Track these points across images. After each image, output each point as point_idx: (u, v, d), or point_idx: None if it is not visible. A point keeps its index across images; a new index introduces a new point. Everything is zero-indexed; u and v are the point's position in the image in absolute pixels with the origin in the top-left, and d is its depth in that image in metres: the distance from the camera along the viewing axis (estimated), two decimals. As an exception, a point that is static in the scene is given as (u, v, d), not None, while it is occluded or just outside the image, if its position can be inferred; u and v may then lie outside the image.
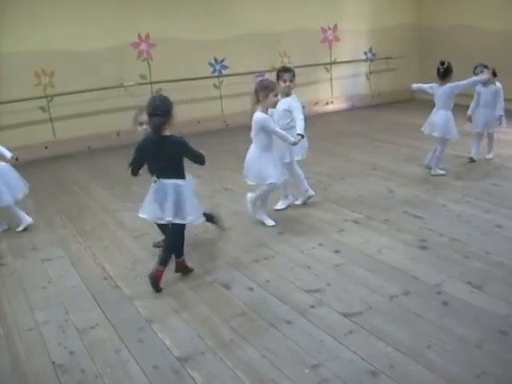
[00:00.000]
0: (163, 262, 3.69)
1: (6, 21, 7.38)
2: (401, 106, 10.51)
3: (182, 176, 3.70)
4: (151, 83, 8.54)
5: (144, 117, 3.80)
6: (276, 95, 4.43)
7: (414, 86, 6.12)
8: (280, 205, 5.13)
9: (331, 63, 10.27)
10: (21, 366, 2.96)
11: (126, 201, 5.51)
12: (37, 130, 7.84)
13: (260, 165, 4.52)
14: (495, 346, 2.85)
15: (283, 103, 4.68)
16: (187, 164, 3.75)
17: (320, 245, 4.29)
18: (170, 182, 3.64)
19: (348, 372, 2.71)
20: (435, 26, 10.47)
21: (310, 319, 3.22)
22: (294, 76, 4.84)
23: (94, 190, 6.12)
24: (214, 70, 9.12)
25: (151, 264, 4.13)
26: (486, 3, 9.31)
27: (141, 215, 3.77)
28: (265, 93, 4.36)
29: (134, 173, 3.79)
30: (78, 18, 7.78)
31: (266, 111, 4.45)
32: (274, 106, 4.51)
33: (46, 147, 7.93)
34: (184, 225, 3.77)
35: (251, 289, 3.65)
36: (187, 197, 3.67)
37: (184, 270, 3.91)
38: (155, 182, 3.71)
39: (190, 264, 3.96)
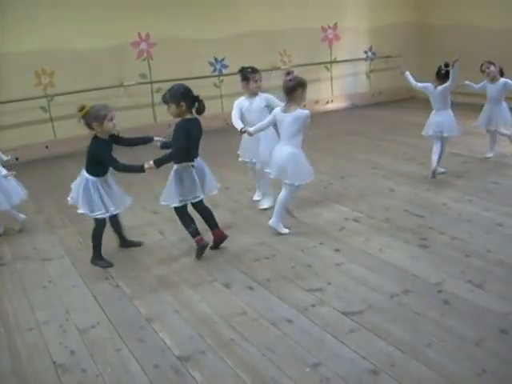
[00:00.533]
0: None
1: (7, 21, 7.38)
2: (401, 105, 10.50)
3: None
4: (151, 82, 8.55)
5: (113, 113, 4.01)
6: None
7: (407, 73, 6.09)
8: (265, 203, 5.17)
9: (331, 62, 10.27)
10: (21, 366, 2.96)
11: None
12: (37, 130, 7.84)
13: (300, 163, 4.41)
14: (495, 344, 2.85)
15: (261, 100, 4.94)
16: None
17: (321, 243, 4.29)
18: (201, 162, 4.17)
19: (348, 371, 2.71)
20: (435, 24, 10.46)
21: (311, 318, 3.22)
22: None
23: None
24: (215, 69, 9.13)
25: (151, 264, 4.14)
26: (486, 2, 9.30)
27: (203, 194, 4.14)
28: (302, 89, 4.33)
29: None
30: (78, 18, 7.78)
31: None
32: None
33: (47, 147, 7.93)
34: None
35: (252, 288, 3.65)
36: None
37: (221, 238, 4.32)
38: (192, 166, 4.03)
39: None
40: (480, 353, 2.79)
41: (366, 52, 10.66)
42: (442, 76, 5.53)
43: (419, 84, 5.85)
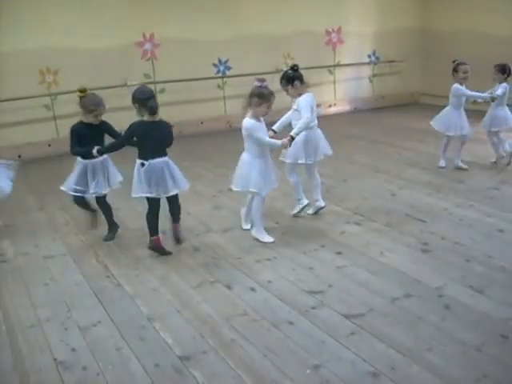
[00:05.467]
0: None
1: (11, 19, 7.39)
2: (404, 109, 10.51)
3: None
4: (155, 83, 8.55)
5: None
6: (269, 107, 4.25)
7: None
8: (295, 209, 4.99)
9: (335, 65, 10.28)
10: (23, 363, 2.97)
11: (127, 199, 5.49)
12: (40, 128, 7.84)
13: (246, 170, 4.33)
14: (496, 349, 2.86)
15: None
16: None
17: (322, 246, 4.30)
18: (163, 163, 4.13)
19: (349, 373, 2.72)
20: (439, 29, 10.47)
21: (312, 320, 3.22)
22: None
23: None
24: (218, 71, 9.14)
25: (153, 262, 4.15)
26: (491, 8, 9.31)
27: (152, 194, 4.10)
28: (260, 101, 4.19)
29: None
30: (83, 17, 7.80)
31: (257, 118, 4.28)
32: (263, 115, 4.32)
33: (50, 145, 7.93)
34: None
35: (253, 289, 3.66)
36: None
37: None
38: (142, 164, 4.08)
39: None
40: (480, 358, 2.79)
41: (369, 56, 10.67)
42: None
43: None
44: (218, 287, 3.72)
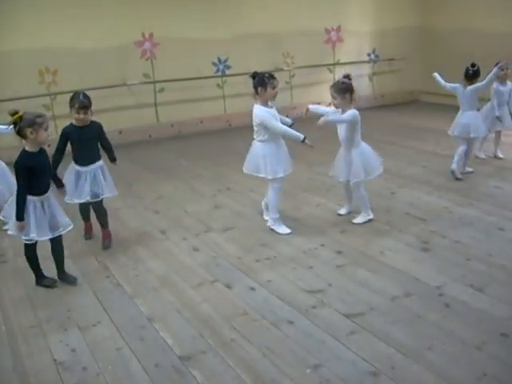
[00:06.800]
0: None
1: (10, 19, 7.39)
2: (403, 108, 10.50)
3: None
4: (154, 82, 8.55)
5: None
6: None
7: (435, 74, 5.97)
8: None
9: (334, 64, 10.26)
10: (22, 363, 2.97)
11: (126, 199, 5.51)
12: (40, 128, 7.83)
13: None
14: (496, 348, 2.86)
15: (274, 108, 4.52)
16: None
17: (322, 245, 4.29)
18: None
19: (349, 373, 2.72)
20: (438, 28, 10.45)
21: (312, 319, 3.22)
22: None
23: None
24: (218, 70, 9.12)
25: (152, 263, 4.15)
26: (490, 6, 9.29)
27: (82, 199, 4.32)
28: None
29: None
30: (82, 17, 7.78)
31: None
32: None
33: (49, 145, 7.89)
34: None
35: (253, 289, 3.65)
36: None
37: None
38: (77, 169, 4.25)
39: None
40: (481, 356, 2.79)
41: (369, 54, 10.65)
42: (470, 76, 5.61)
43: (448, 84, 5.86)
44: (218, 287, 3.72)
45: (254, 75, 4.46)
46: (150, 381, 2.75)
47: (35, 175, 3.58)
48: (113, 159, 4.56)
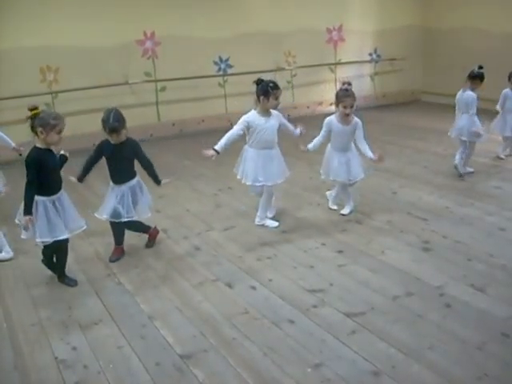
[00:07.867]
0: None
1: (12, 17, 7.39)
2: (405, 108, 10.49)
3: None
4: (156, 81, 8.55)
5: None
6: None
7: None
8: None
9: (336, 63, 10.26)
10: (23, 361, 2.97)
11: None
12: (41, 127, 7.84)
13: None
14: (497, 348, 2.86)
15: (275, 119, 4.50)
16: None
17: (323, 245, 4.29)
18: None
19: (350, 372, 2.72)
20: (440, 27, 10.45)
21: (313, 319, 3.22)
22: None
23: (97, 187, 6.13)
24: (219, 69, 9.13)
25: (153, 262, 4.15)
26: (492, 5, 9.28)
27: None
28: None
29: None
30: (84, 15, 7.79)
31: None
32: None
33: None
34: None
35: (254, 288, 3.66)
36: None
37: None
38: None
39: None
40: (481, 356, 2.79)
41: (370, 54, 10.64)
42: (473, 77, 5.60)
43: None
44: (219, 286, 3.72)
45: (258, 82, 4.42)
46: (150, 379, 2.75)
47: (44, 172, 3.54)
48: (157, 182, 4.20)
